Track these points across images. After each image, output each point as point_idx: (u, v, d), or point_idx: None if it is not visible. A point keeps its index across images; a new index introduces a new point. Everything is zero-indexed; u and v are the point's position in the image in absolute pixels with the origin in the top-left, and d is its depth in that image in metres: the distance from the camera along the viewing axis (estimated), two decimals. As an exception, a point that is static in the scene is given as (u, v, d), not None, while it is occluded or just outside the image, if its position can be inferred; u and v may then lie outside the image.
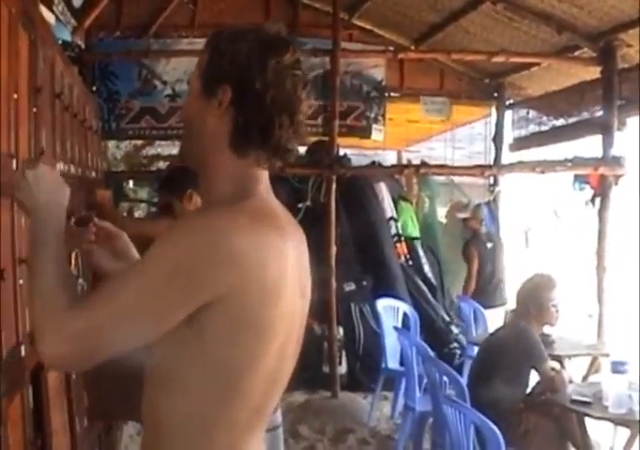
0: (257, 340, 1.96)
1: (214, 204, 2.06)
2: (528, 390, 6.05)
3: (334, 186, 8.97)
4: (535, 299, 5.94)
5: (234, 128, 2.06)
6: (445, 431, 5.29)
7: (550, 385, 5.78)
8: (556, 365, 5.91)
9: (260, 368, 2.00)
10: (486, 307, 9.54)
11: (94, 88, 9.97)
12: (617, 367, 5.20)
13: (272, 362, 2.02)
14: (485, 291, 9.82)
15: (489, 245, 9.98)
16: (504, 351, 5.83)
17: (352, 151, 10.71)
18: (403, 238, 10.51)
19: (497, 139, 11.86)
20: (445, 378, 5.90)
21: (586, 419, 5.87)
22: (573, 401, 5.48)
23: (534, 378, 6.07)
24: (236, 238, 1.90)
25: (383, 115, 11.27)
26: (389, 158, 12.09)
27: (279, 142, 2.05)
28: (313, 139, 10.40)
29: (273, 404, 2.20)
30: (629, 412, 5.20)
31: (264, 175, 2.13)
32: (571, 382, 5.95)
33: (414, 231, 10.80)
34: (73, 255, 3.71)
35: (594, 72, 9.34)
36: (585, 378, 7.47)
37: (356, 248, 10.01)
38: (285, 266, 2.00)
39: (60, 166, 3.91)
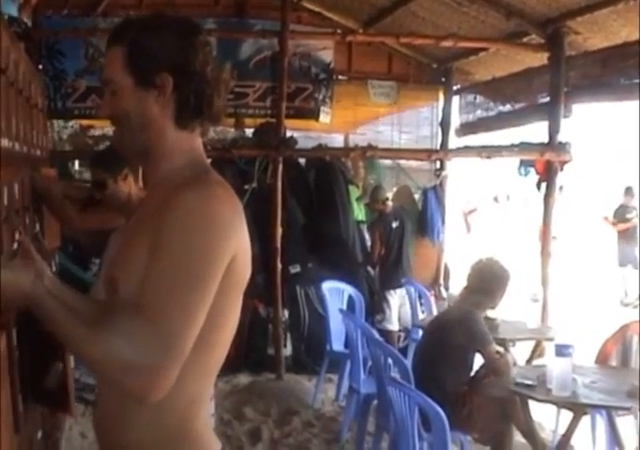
0: (238, 298, 2.15)
1: (173, 179, 2.11)
2: (472, 373, 6.09)
3: (281, 167, 8.94)
4: (483, 282, 5.97)
5: (179, 109, 2.15)
6: (389, 413, 5.31)
7: (494, 368, 5.81)
8: (500, 348, 5.95)
9: (232, 321, 2.16)
10: (395, 287, 9.60)
11: (40, 66, 9.81)
12: (562, 351, 5.23)
13: (238, 314, 2.18)
14: (394, 271, 9.76)
15: (394, 224, 9.85)
16: (449, 333, 5.86)
17: (299, 133, 10.63)
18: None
19: (444, 123, 11.86)
20: (389, 360, 5.92)
21: (530, 402, 5.93)
22: (517, 384, 5.52)
23: (478, 361, 6.12)
24: (227, 208, 2.03)
25: (331, 98, 11.21)
26: (336, 141, 12.04)
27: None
28: (261, 120, 10.41)
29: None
30: (572, 396, 5.24)
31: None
32: (515, 365, 6.02)
33: (360, 214, 10.79)
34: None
35: (541, 59, 9.35)
36: (528, 362, 7.52)
37: (303, 231, 9.99)
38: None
39: (5, 142, 3.83)
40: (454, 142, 11.73)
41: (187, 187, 2.01)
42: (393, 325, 9.58)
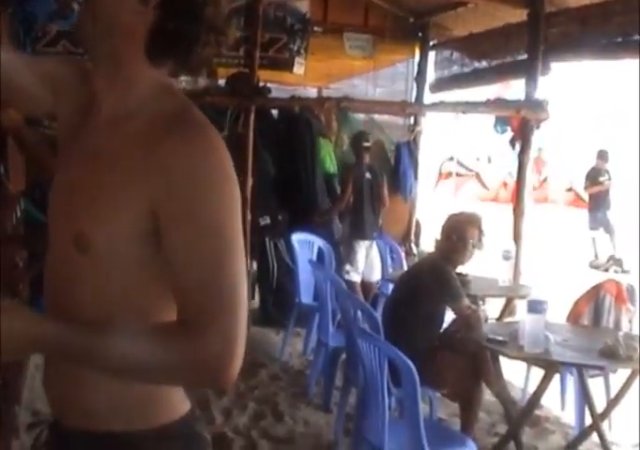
0: None
1: (147, 112, 1.86)
2: (443, 328, 6.02)
3: (252, 117, 8.80)
4: (457, 234, 5.88)
5: (154, 33, 1.86)
6: (358, 367, 5.23)
7: (466, 323, 5.75)
8: (471, 304, 5.88)
9: None
10: (362, 238, 9.44)
11: (9, 10, 9.57)
12: (535, 307, 5.13)
13: None
14: (363, 222, 9.61)
15: (367, 175, 9.71)
16: (420, 287, 5.78)
17: (272, 86, 10.46)
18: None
19: (419, 79, 11.76)
20: (359, 313, 5.83)
21: (501, 359, 5.87)
22: (489, 340, 5.43)
23: (449, 316, 6.05)
24: (225, 155, 1.80)
25: (306, 49, 11.01)
26: (310, 95, 11.90)
27: (198, 61, 1.91)
28: (234, 70, 10.22)
29: None
30: (544, 353, 5.16)
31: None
32: (486, 320, 5.93)
33: (331, 167, 10.66)
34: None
35: (520, 15, 9.24)
36: (499, 319, 7.44)
37: (273, 183, 9.86)
38: None
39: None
40: (429, 98, 11.62)
41: (178, 136, 1.74)
42: (358, 276, 9.46)
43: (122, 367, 1.73)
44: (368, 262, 9.46)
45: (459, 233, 5.91)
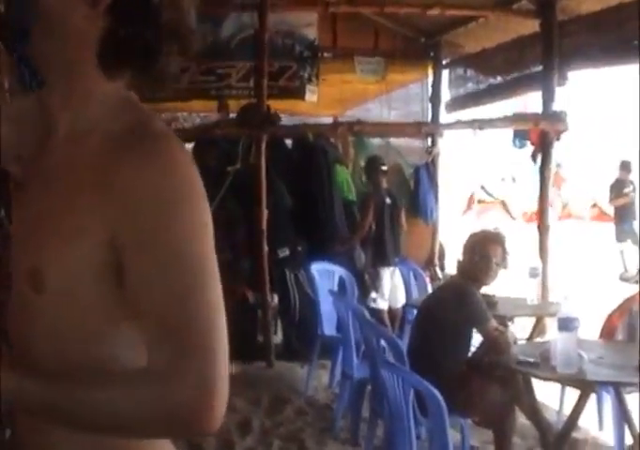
0: None
1: (104, 130, 1.58)
2: (471, 352, 5.76)
3: (264, 146, 8.61)
4: (480, 253, 5.63)
5: (106, 41, 1.58)
6: (383, 398, 4.99)
7: (494, 346, 5.48)
8: (499, 325, 5.62)
9: None
10: (385, 265, 9.28)
11: (15, 54, 9.43)
12: (566, 324, 4.86)
13: None
14: (385, 249, 9.41)
15: (387, 200, 9.52)
16: (444, 311, 5.52)
17: (284, 116, 10.30)
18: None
19: (434, 99, 11.59)
20: (383, 342, 5.58)
21: (534, 381, 5.59)
22: (519, 362, 5.16)
23: (476, 340, 5.79)
24: (190, 170, 1.56)
25: (317, 76, 10.85)
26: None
27: (161, 72, 1.62)
28: (245, 102, 10.05)
29: None
30: (579, 372, 4.88)
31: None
32: (515, 342, 5.67)
33: (350, 194, 10.45)
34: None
35: (532, 27, 9.08)
36: (529, 340, 7.18)
37: (291, 213, 9.65)
38: None
39: None
40: (445, 117, 11.44)
41: (133, 153, 1.51)
42: (385, 304, 9.24)
43: (85, 421, 1.49)
44: (392, 289, 9.25)
45: (481, 253, 5.65)
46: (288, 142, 10.37)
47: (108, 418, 1.47)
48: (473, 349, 5.88)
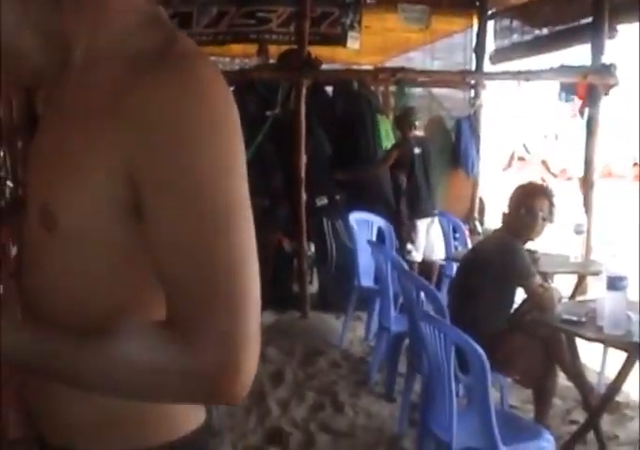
0: None
1: (122, 52, 1.38)
2: (513, 309, 5.59)
3: (304, 91, 8.41)
4: (526, 207, 5.43)
5: None
6: (422, 352, 4.84)
7: (538, 303, 5.30)
8: (544, 282, 5.44)
9: None
10: (421, 217, 9.11)
11: None
12: (615, 283, 4.67)
13: None
14: (419, 200, 9.22)
15: (417, 150, 9.29)
16: (487, 266, 5.33)
17: (326, 63, 10.09)
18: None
19: (479, 49, 11.26)
20: (422, 295, 5.43)
21: (577, 341, 5.42)
22: (564, 321, 4.98)
23: (519, 295, 5.61)
24: (221, 94, 1.35)
25: (359, 22, 10.58)
26: (365, 72, 11.49)
27: None
28: (286, 47, 9.85)
29: None
30: (627, 334, 4.70)
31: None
32: (560, 300, 5.48)
33: (389, 144, 10.26)
34: None
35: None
36: (572, 298, 6.99)
37: (330, 161, 9.47)
38: None
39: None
40: (489, 69, 11.15)
41: (153, 76, 1.31)
42: (419, 256, 9.09)
43: (96, 383, 1.34)
44: (429, 241, 9.09)
45: (528, 206, 5.44)
46: (329, 89, 10.18)
47: (116, 376, 1.31)
48: (515, 305, 5.72)
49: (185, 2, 9.64)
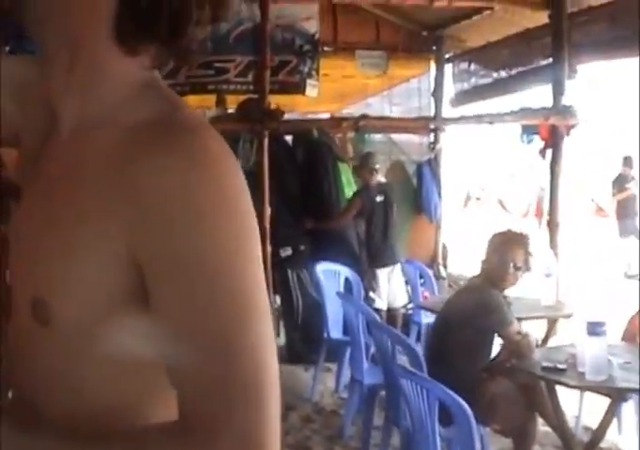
0: None
1: (121, 120, 1.24)
2: (491, 357, 5.51)
3: (266, 142, 8.34)
4: (501, 255, 5.36)
5: (127, 6, 1.23)
6: (400, 406, 4.74)
7: (516, 351, 5.22)
8: (521, 328, 5.36)
9: None
10: (382, 265, 9.00)
11: (7, 47, 9.16)
12: (595, 329, 4.61)
13: None
14: (381, 248, 9.13)
15: (378, 198, 9.21)
16: (465, 316, 5.26)
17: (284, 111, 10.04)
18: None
19: (437, 94, 11.31)
20: (397, 346, 5.32)
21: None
22: (545, 369, 4.90)
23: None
24: (230, 167, 1.22)
25: (317, 70, 10.54)
26: (324, 120, 11.48)
27: (189, 44, 1.28)
28: (244, 97, 9.77)
29: None
30: (609, 379, 4.63)
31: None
32: (537, 346, 5.40)
33: (350, 192, 10.19)
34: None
35: (539, 19, 8.83)
36: (544, 342, 6.91)
37: (294, 211, 9.37)
38: None
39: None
40: (449, 112, 11.17)
41: (158, 147, 1.17)
42: (384, 304, 8.99)
43: None
44: (391, 289, 9.00)
45: (503, 255, 5.39)
46: (288, 138, 10.12)
47: None
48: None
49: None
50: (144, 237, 1.16)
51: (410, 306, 9.06)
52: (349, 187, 10.18)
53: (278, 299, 9.05)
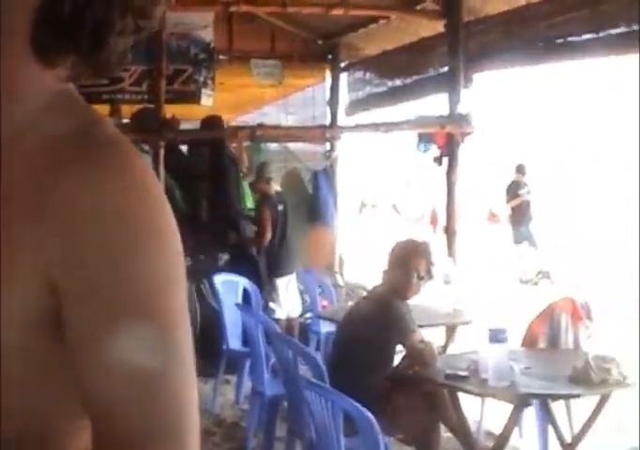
0: None
1: (37, 133, 1.13)
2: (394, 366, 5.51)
3: (162, 152, 8.24)
4: (400, 266, 5.37)
5: (45, 17, 1.11)
6: (303, 417, 4.70)
7: (419, 359, 5.22)
8: (424, 336, 5.36)
9: None
10: (282, 274, 9.01)
11: None
12: (496, 336, 4.65)
13: None
14: (281, 257, 9.15)
15: (280, 207, 9.25)
16: (368, 326, 5.25)
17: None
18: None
19: (333, 102, 11.36)
20: (299, 357, 5.27)
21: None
22: (448, 376, 4.91)
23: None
24: (155, 186, 1.13)
25: (212, 79, 10.48)
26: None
27: (110, 56, 1.16)
28: (139, 107, 9.66)
29: None
30: (511, 385, 4.66)
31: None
32: (440, 353, 5.42)
33: (249, 201, 10.15)
34: None
35: (435, 28, 8.92)
36: (444, 349, 6.95)
37: (191, 222, 9.27)
38: None
39: None
40: (344, 121, 11.20)
41: (79, 165, 1.07)
42: (283, 314, 8.96)
43: None
44: (289, 298, 8.98)
45: (402, 265, 5.39)
46: (183, 147, 10.03)
47: None
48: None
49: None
50: (62, 264, 1.05)
51: (309, 315, 9.03)
52: (247, 197, 10.15)
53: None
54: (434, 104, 9.45)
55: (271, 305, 8.88)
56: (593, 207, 17.14)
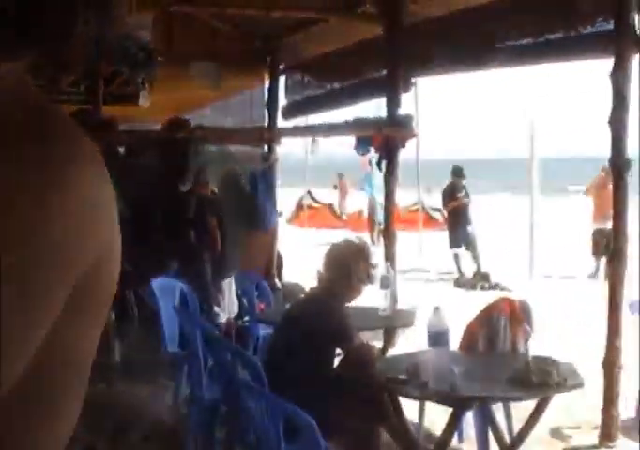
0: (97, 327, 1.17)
1: None
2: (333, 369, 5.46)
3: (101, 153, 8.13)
4: (339, 269, 5.32)
5: (2, 10, 1.10)
6: (242, 421, 4.66)
7: (357, 363, 5.17)
8: (363, 339, 5.34)
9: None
10: (225, 277, 9.02)
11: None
12: (438, 339, 4.65)
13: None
14: (223, 260, 9.11)
15: (220, 211, 9.25)
16: (307, 328, 5.17)
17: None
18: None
19: (271, 105, 11.31)
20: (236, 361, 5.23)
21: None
22: (389, 380, 4.89)
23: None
24: (93, 180, 1.01)
25: (151, 81, 10.39)
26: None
27: (72, 51, 1.14)
28: (76, 108, 9.55)
29: None
30: (452, 389, 4.64)
31: None
32: (379, 356, 5.40)
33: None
34: None
35: (374, 32, 8.88)
36: (383, 352, 6.94)
37: (129, 225, 9.17)
38: None
39: None
40: (282, 124, 11.19)
41: (22, 143, 0.98)
42: (224, 317, 8.91)
43: None
44: (229, 300, 8.94)
45: (344, 267, 5.33)
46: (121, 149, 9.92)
47: None
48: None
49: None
50: None
51: (246, 318, 8.97)
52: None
53: (113, 316, 8.83)
54: (379, 107, 9.43)
55: (216, 309, 8.83)
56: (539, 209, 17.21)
